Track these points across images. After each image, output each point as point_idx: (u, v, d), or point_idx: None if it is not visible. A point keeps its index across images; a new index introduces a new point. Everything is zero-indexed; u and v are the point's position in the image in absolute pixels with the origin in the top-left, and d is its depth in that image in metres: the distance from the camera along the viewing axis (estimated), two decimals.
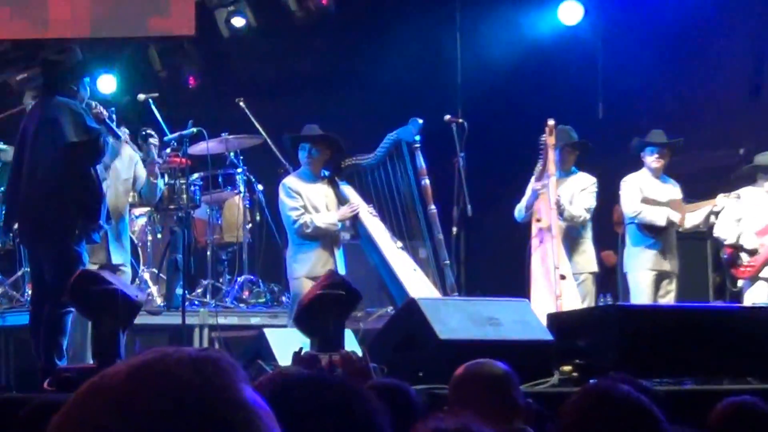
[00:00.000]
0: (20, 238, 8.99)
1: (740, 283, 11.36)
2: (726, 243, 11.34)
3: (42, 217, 8.31)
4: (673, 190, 11.16)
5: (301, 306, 8.09)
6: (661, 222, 10.95)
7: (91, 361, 7.88)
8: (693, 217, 11.23)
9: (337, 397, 2.22)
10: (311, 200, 10.22)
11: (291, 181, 10.35)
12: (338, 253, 10.29)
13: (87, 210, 8.36)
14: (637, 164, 11.23)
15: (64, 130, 8.24)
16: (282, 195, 10.30)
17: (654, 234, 11.00)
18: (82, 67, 8.69)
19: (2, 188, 10.91)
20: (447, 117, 10.92)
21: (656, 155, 11.12)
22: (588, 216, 10.80)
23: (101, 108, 8.90)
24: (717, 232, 11.39)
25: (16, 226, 9.12)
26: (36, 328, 8.37)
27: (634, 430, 2.66)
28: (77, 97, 8.55)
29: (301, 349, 7.26)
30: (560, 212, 10.50)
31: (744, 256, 11.26)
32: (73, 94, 8.52)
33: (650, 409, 2.70)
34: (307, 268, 10.04)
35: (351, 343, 8.21)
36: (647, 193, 11.07)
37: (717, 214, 11.27)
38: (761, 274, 11.23)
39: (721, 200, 11.20)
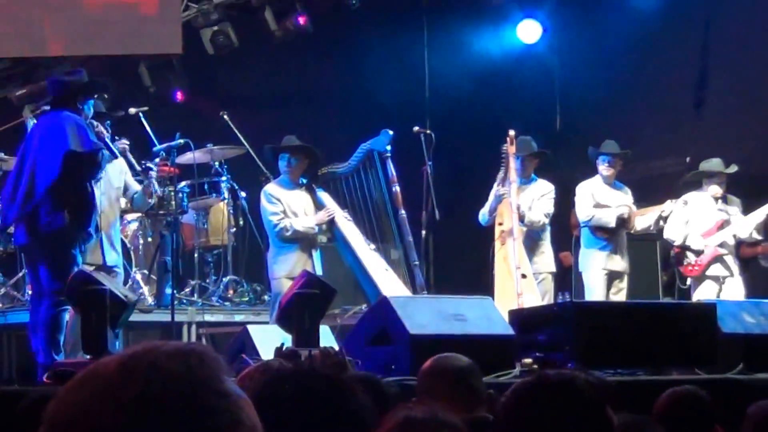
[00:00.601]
0: (16, 239, 8.95)
1: (689, 281, 11.44)
2: (675, 244, 11.42)
3: (39, 220, 8.31)
4: (624, 196, 11.21)
5: (280, 308, 8.11)
6: (612, 222, 10.99)
7: (87, 357, 7.87)
8: (643, 221, 11.31)
9: (325, 388, 2.25)
10: (290, 206, 10.23)
11: (271, 188, 10.36)
12: (316, 255, 10.30)
13: (78, 218, 8.36)
14: (592, 171, 11.29)
15: (67, 139, 8.24)
16: (263, 201, 10.30)
17: (606, 236, 11.05)
18: (88, 88, 8.67)
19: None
20: (416, 128, 10.95)
21: (607, 164, 11.17)
22: (547, 220, 10.84)
23: (102, 128, 8.90)
24: (667, 234, 11.47)
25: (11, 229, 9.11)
26: (35, 326, 8.38)
27: (567, 411, 2.68)
28: (81, 115, 8.55)
29: (282, 344, 7.28)
30: (521, 218, 10.54)
31: (691, 256, 11.34)
32: (78, 112, 8.52)
33: (586, 393, 2.73)
34: (287, 269, 10.05)
35: (328, 339, 8.23)
36: (599, 198, 11.12)
37: (666, 218, 11.36)
38: (708, 273, 11.31)
39: (669, 205, 11.31)
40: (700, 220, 11.32)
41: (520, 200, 10.61)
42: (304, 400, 2.20)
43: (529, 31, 14.43)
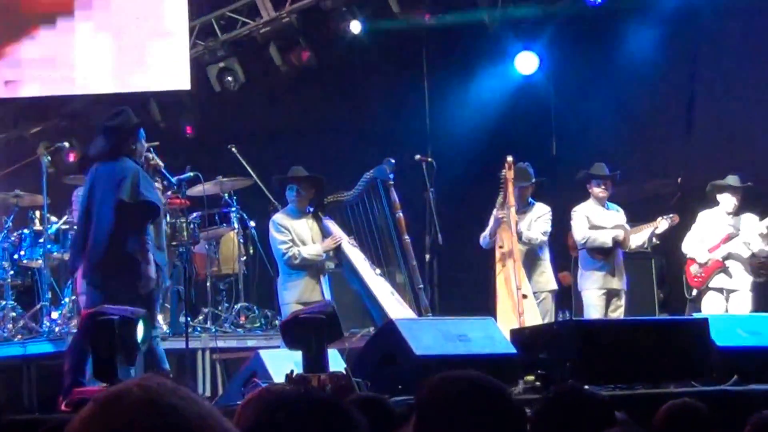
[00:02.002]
0: (87, 278, 8.91)
1: (694, 292, 11.43)
2: (688, 257, 11.45)
3: (104, 263, 8.31)
4: (617, 216, 11.22)
5: (286, 320, 8.05)
6: (608, 242, 10.99)
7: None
8: (637, 238, 11.31)
9: (320, 410, 2.26)
10: (298, 234, 10.23)
11: (279, 217, 10.37)
12: (324, 281, 10.30)
13: (143, 257, 8.36)
14: (587, 194, 11.29)
15: (122, 190, 8.24)
16: (272, 230, 10.31)
17: (602, 257, 11.04)
18: (137, 126, 8.63)
19: (25, 231, 10.99)
20: (417, 156, 10.97)
21: (603, 187, 11.18)
22: (544, 239, 10.85)
23: (158, 159, 8.91)
24: (683, 249, 11.49)
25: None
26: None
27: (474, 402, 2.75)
28: (136, 153, 8.54)
29: (292, 371, 7.26)
30: (519, 236, 10.57)
31: (698, 268, 11.36)
32: (133, 152, 8.51)
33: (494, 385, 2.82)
34: (296, 295, 10.05)
35: (337, 362, 8.22)
36: (594, 220, 11.12)
37: (658, 234, 11.36)
38: (711, 284, 11.30)
39: (661, 222, 11.30)
40: (711, 234, 11.35)
41: (520, 224, 10.65)
42: (297, 424, 2.20)
43: (526, 63, 14.47)
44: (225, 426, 1.50)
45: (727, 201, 11.33)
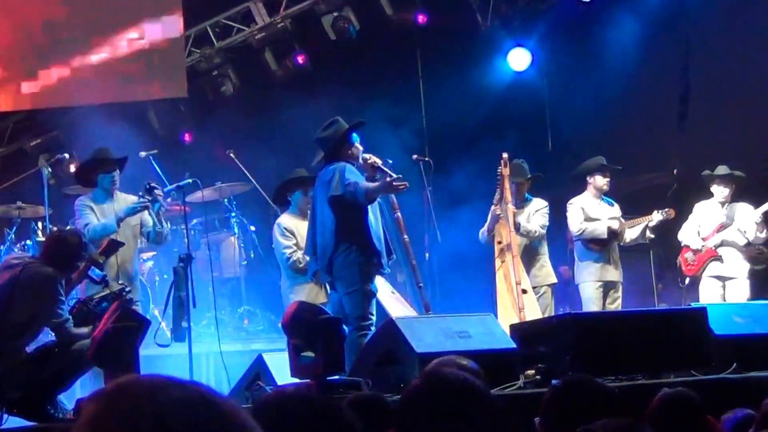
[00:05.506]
0: (322, 278, 9.32)
1: (687, 280, 11.45)
2: (683, 245, 11.49)
3: (333, 260, 8.77)
4: (612, 209, 11.25)
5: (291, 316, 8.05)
6: (604, 234, 11.01)
7: None
8: (631, 232, 11.32)
9: (319, 409, 2.30)
10: (304, 236, 10.23)
11: (285, 220, 10.34)
12: (328, 284, 10.31)
13: (366, 249, 8.72)
14: (583, 188, 11.32)
15: (331, 187, 8.69)
16: (276, 234, 10.28)
17: (598, 249, 11.07)
18: (348, 133, 9.02)
19: (28, 242, 11.00)
20: (415, 156, 11.00)
21: (607, 178, 11.20)
22: (542, 232, 10.89)
23: (375, 158, 9.20)
24: (679, 237, 11.54)
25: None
26: None
27: (460, 403, 2.75)
28: (353, 156, 9.01)
29: None
30: (517, 228, 10.60)
31: (692, 256, 11.39)
32: (350, 156, 8.97)
33: (478, 386, 2.81)
34: (302, 298, 10.03)
35: None
36: (589, 212, 11.14)
37: (653, 227, 11.34)
38: (706, 273, 11.32)
39: (656, 215, 11.30)
40: (705, 224, 11.40)
41: (518, 220, 10.67)
42: (289, 424, 2.24)
43: (519, 59, 14.50)
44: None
45: (719, 191, 11.38)
